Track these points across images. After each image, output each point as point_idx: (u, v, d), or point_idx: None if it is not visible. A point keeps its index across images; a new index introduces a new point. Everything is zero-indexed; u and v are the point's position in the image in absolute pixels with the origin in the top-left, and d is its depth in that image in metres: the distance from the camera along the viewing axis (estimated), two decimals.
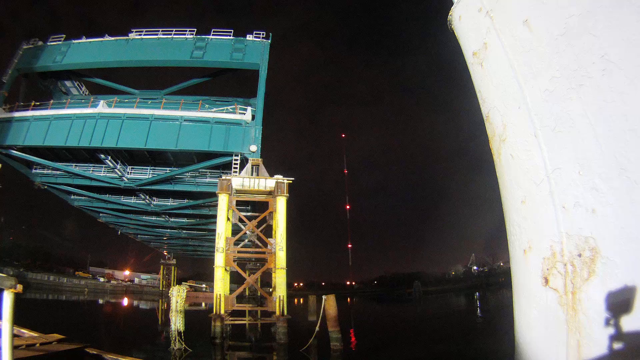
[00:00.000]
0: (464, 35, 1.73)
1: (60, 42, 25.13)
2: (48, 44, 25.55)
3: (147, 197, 28.26)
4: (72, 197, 30.21)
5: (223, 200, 16.92)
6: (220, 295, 15.15)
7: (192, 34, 23.34)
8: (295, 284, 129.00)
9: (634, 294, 1.02)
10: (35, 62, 25.23)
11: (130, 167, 24.14)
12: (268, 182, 17.62)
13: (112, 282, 55.79)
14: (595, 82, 1.18)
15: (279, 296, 15.02)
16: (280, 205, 17.03)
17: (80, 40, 24.79)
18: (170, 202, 27.27)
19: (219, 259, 15.95)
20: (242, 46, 22.44)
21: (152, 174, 23.83)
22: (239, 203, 19.12)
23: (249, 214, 20.30)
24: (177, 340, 11.28)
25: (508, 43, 1.47)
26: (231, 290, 20.70)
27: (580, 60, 1.22)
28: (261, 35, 22.80)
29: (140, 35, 23.85)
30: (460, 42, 1.77)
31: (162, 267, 51.86)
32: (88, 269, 60.93)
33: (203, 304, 24.27)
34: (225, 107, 21.24)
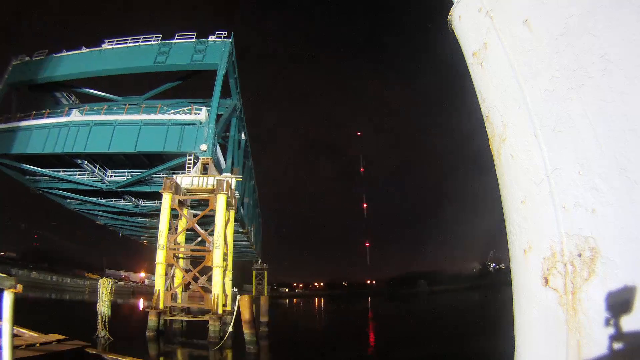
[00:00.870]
0: (464, 35, 1.73)
1: (43, 57, 26.57)
2: (34, 58, 27.06)
3: (134, 198, 29.31)
4: (67, 201, 31.59)
5: (166, 199, 16.99)
6: (159, 290, 15.33)
7: (158, 40, 23.90)
8: (316, 284, 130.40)
9: (634, 294, 1.02)
10: (24, 77, 26.82)
11: (111, 170, 25.15)
12: (209, 181, 17.71)
13: (118, 283, 57.89)
14: (595, 82, 1.18)
15: (215, 294, 15.05)
16: (220, 203, 16.96)
17: (60, 54, 26.15)
18: (156, 203, 27.87)
19: (160, 256, 16.04)
20: (203, 47, 22.92)
21: (129, 176, 24.59)
22: (194, 202, 19.32)
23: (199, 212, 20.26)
24: (101, 329, 12.19)
25: (508, 43, 1.47)
26: (233, 292, 21.23)
27: (580, 60, 1.22)
28: (222, 35, 23.13)
29: (112, 44, 24.84)
30: (460, 42, 1.77)
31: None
32: (104, 272, 63.16)
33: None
34: (182, 109, 21.79)
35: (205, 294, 15.83)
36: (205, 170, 18.59)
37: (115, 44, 24.64)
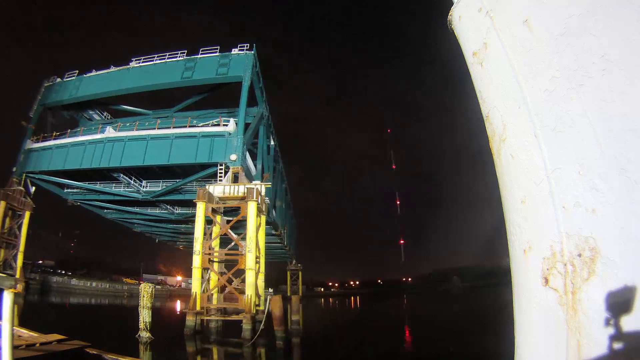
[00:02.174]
0: (464, 35, 1.73)
1: (74, 77, 28.15)
2: (65, 79, 28.66)
3: (169, 206, 31.08)
4: (105, 211, 33.66)
5: (200, 208, 17.98)
6: (196, 293, 16.37)
7: (183, 56, 24.87)
8: (351, 283, 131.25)
9: (634, 294, 1.02)
10: (56, 97, 28.41)
11: (146, 181, 26.78)
12: (240, 189, 18.75)
13: (156, 287, 59.62)
14: (595, 82, 1.18)
15: (248, 295, 16.06)
16: (251, 210, 17.96)
17: (90, 74, 27.54)
18: (190, 210, 29.05)
19: (196, 261, 17.09)
20: (227, 61, 23.81)
21: (164, 186, 26.13)
22: (227, 209, 20.29)
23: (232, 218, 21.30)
24: (143, 330, 13.14)
25: (508, 43, 1.47)
26: (266, 293, 22.49)
27: (580, 60, 1.22)
28: (245, 48, 24.08)
29: (139, 62, 25.92)
30: (460, 42, 1.77)
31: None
32: (142, 277, 65.33)
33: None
34: (210, 121, 22.88)
35: (239, 295, 16.69)
36: (235, 179, 19.63)
37: (143, 62, 25.74)
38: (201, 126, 22.36)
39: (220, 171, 20.16)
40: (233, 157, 20.08)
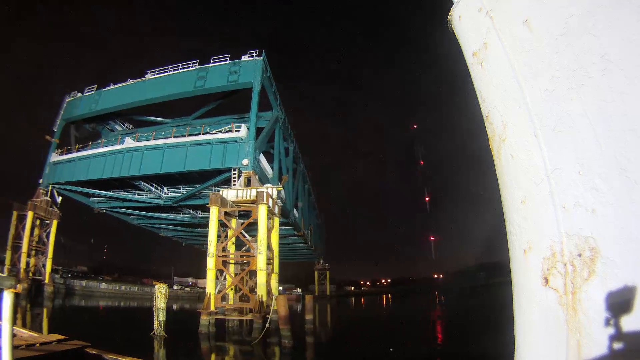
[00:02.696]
0: (464, 35, 1.73)
1: (93, 92, 29.49)
2: (85, 94, 30.10)
3: (192, 211, 32.13)
4: (130, 217, 35.06)
5: (213, 212, 18.49)
6: (210, 293, 17.04)
7: (195, 65, 25.66)
8: (383, 281, 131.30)
9: (634, 294, 1.02)
10: (77, 112, 29.86)
11: (167, 187, 28.04)
12: (251, 192, 19.25)
13: (185, 289, 60.61)
14: (595, 82, 1.18)
15: (258, 295, 16.66)
16: (261, 213, 18.46)
17: (108, 88, 28.77)
18: None
19: (210, 263, 17.68)
20: (237, 68, 24.39)
21: (184, 191, 27.32)
22: (242, 212, 20.83)
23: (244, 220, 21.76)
24: (158, 328, 13.86)
25: (508, 43, 1.47)
26: (297, 293, 22.84)
27: (580, 60, 1.22)
28: (254, 54, 24.63)
29: (154, 74, 26.95)
30: (460, 42, 1.77)
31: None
32: (173, 280, 67.44)
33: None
34: (223, 128, 23.77)
35: (251, 295, 17.24)
36: (248, 182, 20.29)
37: (157, 74, 26.87)
38: (214, 133, 23.35)
39: (234, 176, 20.94)
40: (245, 162, 20.90)
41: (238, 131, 22.21)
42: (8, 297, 2.15)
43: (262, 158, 24.08)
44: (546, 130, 1.31)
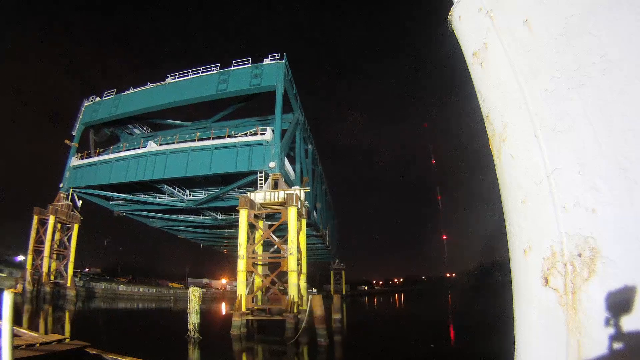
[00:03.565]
0: (464, 35, 1.73)
1: (112, 96, 29.33)
2: (104, 98, 29.99)
3: (212, 213, 32.07)
4: (150, 220, 35.06)
5: (243, 215, 18.68)
6: (241, 295, 17.27)
7: (217, 69, 25.67)
8: (395, 280, 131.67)
9: (634, 294, 1.02)
10: (96, 116, 29.83)
11: (189, 190, 27.95)
12: (280, 194, 19.46)
13: (202, 290, 60.29)
14: (595, 82, 1.18)
15: (290, 295, 16.89)
16: (291, 215, 18.58)
17: (128, 92, 28.71)
18: (233, 216, 30.14)
19: (240, 265, 17.90)
20: (259, 71, 24.42)
21: (206, 194, 27.25)
22: (268, 214, 21.07)
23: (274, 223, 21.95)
24: (192, 330, 14.05)
25: (508, 43, 1.47)
26: (312, 292, 23.10)
27: (580, 60, 1.22)
28: (276, 57, 24.65)
29: (174, 78, 26.88)
30: (460, 42, 1.77)
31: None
32: (187, 281, 66.69)
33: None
34: (248, 130, 23.87)
35: (282, 295, 17.53)
36: (275, 185, 20.38)
37: (178, 77, 26.78)
38: (239, 136, 23.43)
39: (260, 178, 20.99)
40: (272, 164, 20.99)
41: (263, 134, 22.35)
42: (8, 297, 2.14)
43: (285, 160, 24.33)
44: (546, 130, 1.31)
